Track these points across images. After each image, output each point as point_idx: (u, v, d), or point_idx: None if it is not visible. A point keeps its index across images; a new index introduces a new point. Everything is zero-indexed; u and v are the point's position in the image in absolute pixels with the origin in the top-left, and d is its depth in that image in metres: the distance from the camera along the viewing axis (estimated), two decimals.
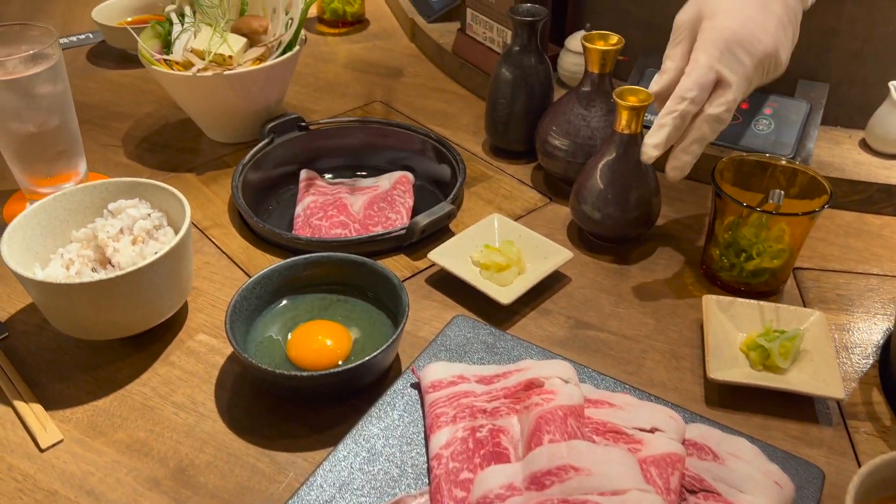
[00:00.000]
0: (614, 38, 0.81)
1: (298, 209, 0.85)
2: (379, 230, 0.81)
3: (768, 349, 0.64)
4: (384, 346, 0.60)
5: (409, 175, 0.90)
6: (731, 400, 0.63)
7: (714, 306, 0.69)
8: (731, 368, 0.64)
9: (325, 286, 0.71)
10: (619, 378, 0.64)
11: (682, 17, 0.74)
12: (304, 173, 0.91)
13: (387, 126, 0.94)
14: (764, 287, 0.74)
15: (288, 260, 0.69)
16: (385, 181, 0.90)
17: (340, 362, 0.64)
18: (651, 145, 0.69)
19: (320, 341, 0.65)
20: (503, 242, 0.76)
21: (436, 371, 0.61)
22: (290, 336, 0.66)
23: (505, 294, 0.70)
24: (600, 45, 0.80)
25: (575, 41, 1.00)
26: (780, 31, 0.71)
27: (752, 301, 0.69)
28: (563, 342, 0.69)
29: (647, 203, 0.76)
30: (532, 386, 0.57)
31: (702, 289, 0.75)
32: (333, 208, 0.84)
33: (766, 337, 0.65)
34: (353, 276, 0.70)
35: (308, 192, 0.88)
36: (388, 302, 0.68)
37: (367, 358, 0.59)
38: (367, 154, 0.95)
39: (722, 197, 0.71)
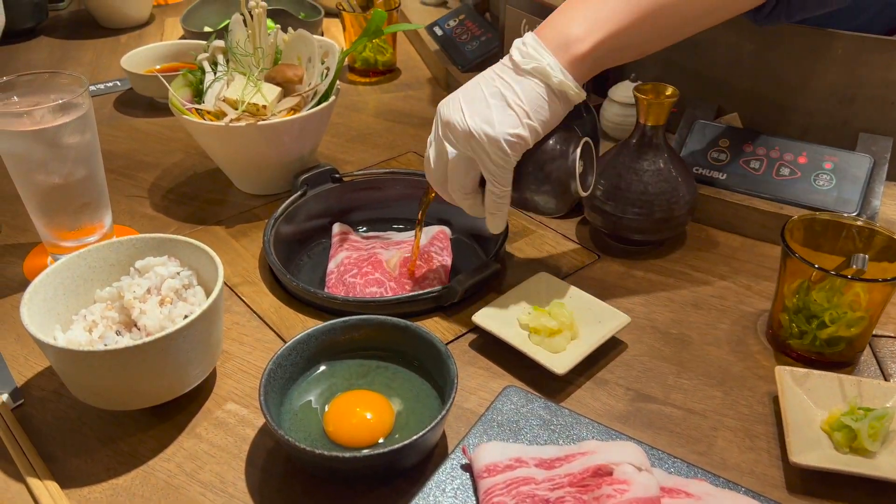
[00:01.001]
0: (669, 90, 0.77)
1: (331, 265, 0.81)
2: (416, 289, 0.76)
3: (856, 430, 0.58)
4: (431, 425, 0.55)
5: (447, 230, 0.86)
6: (816, 486, 0.57)
7: (789, 379, 0.63)
8: (814, 450, 0.58)
9: (364, 351, 0.66)
10: (689, 459, 0.58)
11: None
12: (336, 227, 0.87)
13: (422, 178, 0.90)
14: (839, 357, 0.68)
15: (326, 323, 0.64)
16: (422, 236, 0.85)
17: (382, 439, 0.58)
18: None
19: (360, 415, 0.59)
20: (553, 304, 0.71)
21: (490, 452, 0.55)
22: (327, 408, 0.61)
23: (559, 363, 0.65)
24: (654, 97, 0.76)
25: (619, 91, 0.96)
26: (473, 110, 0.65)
27: (830, 374, 0.63)
28: (623, 417, 0.63)
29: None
30: (601, 473, 0.51)
31: (769, 357, 0.69)
32: (368, 265, 0.80)
33: (852, 416, 0.59)
34: (395, 340, 0.65)
35: (341, 247, 0.83)
36: (432, 370, 0.63)
37: (413, 438, 0.54)
38: (402, 206, 0.91)
39: (792, 258, 0.65)
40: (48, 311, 0.62)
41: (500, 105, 0.65)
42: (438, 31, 1.28)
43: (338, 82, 0.90)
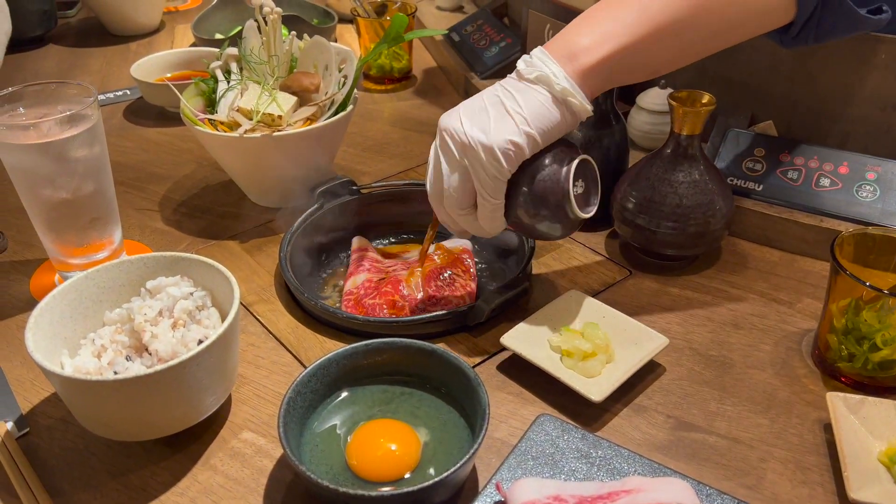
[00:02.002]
0: (705, 97, 0.73)
1: (349, 285, 0.77)
2: (439, 310, 0.73)
3: None
4: (462, 461, 0.51)
5: (469, 245, 0.82)
6: None
7: (842, 406, 0.59)
8: (874, 486, 0.54)
9: (388, 376, 0.62)
10: (738, 495, 0.54)
11: None
12: (356, 241, 0.83)
13: None
14: (892, 382, 0.63)
15: (347, 347, 0.60)
16: (443, 252, 0.81)
17: (408, 474, 0.55)
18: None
19: (385, 447, 0.56)
20: (586, 325, 0.67)
21: (526, 489, 0.51)
22: (349, 438, 0.57)
23: (595, 389, 0.61)
24: (690, 105, 0.72)
25: (648, 98, 0.93)
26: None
27: (886, 401, 0.59)
28: (665, 447, 0.59)
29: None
30: None
31: (817, 381, 0.65)
32: (388, 285, 0.76)
33: None
34: (420, 365, 0.61)
35: (360, 266, 0.79)
36: (460, 397, 0.59)
37: (443, 476, 0.50)
38: (423, 219, 0.87)
39: (842, 275, 0.61)
40: (54, 336, 0.59)
41: (499, 113, 0.61)
42: (455, 37, 1.24)
43: (355, 91, 0.86)
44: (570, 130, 0.63)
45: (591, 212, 0.65)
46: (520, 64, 0.63)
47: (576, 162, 0.62)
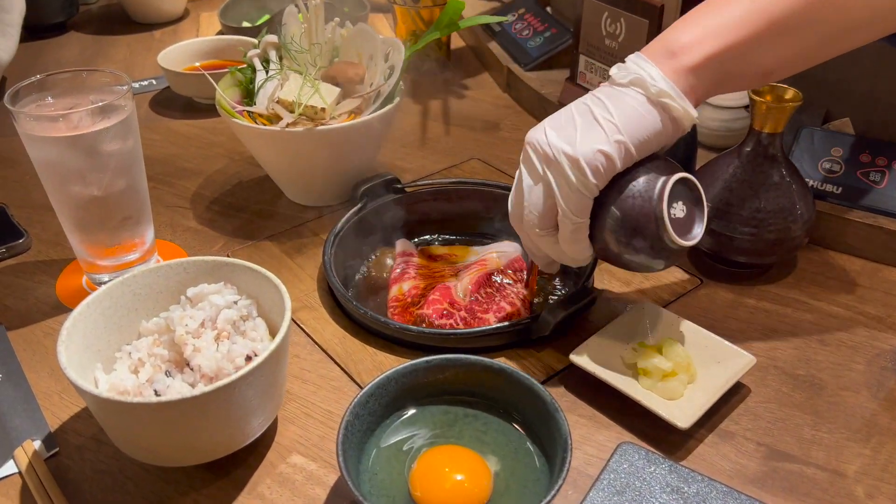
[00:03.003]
0: (790, 92, 0.67)
1: (394, 291, 0.72)
2: (491, 317, 0.67)
3: None
4: (546, 501, 0.45)
5: (520, 250, 0.76)
6: None
7: None
8: None
9: (450, 396, 0.57)
10: None
11: None
12: (399, 245, 0.78)
13: (493, 189, 0.80)
14: None
15: (407, 364, 0.55)
16: (494, 255, 0.76)
17: None
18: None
19: (454, 480, 0.50)
20: (664, 341, 0.61)
21: None
22: (413, 466, 0.52)
23: (680, 414, 0.55)
24: (774, 101, 0.66)
25: None
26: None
27: None
28: (758, 479, 0.54)
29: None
30: None
31: None
32: (436, 292, 0.71)
33: None
34: (486, 385, 0.56)
35: (406, 272, 0.74)
36: (532, 422, 0.54)
37: None
38: (470, 219, 0.82)
39: None
40: (87, 348, 0.54)
41: (587, 122, 0.54)
42: (496, 27, 1.18)
43: (401, 83, 0.80)
44: (671, 142, 0.56)
45: (695, 240, 0.56)
46: (613, 70, 0.57)
47: (673, 179, 0.54)
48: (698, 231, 0.57)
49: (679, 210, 0.55)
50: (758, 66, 0.56)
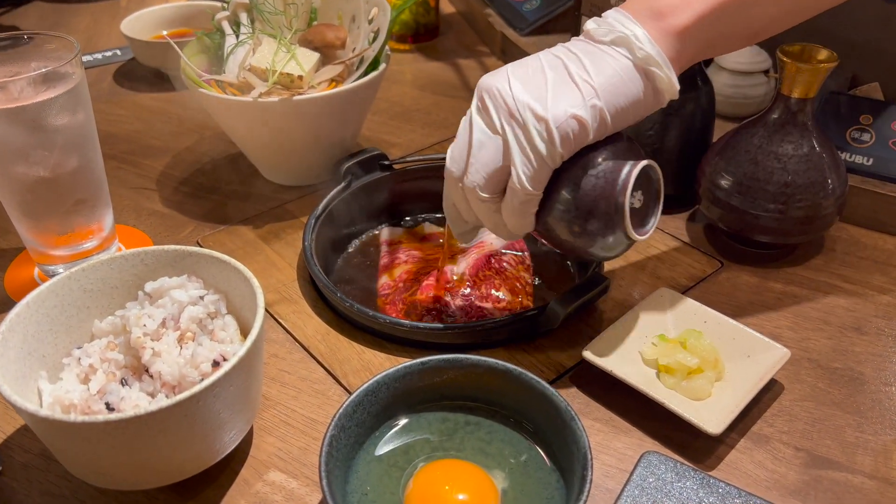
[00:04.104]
0: (823, 53, 0.60)
1: (384, 279, 0.65)
2: (489, 305, 0.60)
3: None
4: None
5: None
6: None
7: None
8: None
9: (449, 401, 0.50)
10: None
11: None
12: (385, 233, 0.71)
13: None
14: None
15: (398, 367, 0.48)
16: (492, 237, 0.69)
17: None
18: None
19: (456, 502, 0.43)
20: (687, 333, 0.55)
21: None
22: (409, 484, 0.45)
23: (709, 417, 0.49)
24: (806, 62, 0.59)
25: (730, 57, 0.79)
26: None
27: None
28: (799, 491, 0.47)
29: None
30: None
31: None
32: (430, 277, 0.64)
33: None
34: (489, 388, 0.49)
35: (396, 257, 0.67)
36: (542, 430, 0.47)
37: None
38: None
39: None
40: (29, 354, 0.47)
41: (559, 78, 0.47)
42: None
43: (387, 47, 0.73)
44: (644, 116, 0.49)
45: (646, 235, 0.50)
46: (589, 24, 0.49)
47: (641, 165, 0.47)
48: (651, 226, 0.51)
49: (637, 200, 0.49)
50: (746, 27, 0.50)
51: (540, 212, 0.50)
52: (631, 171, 0.47)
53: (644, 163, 0.48)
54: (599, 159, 0.48)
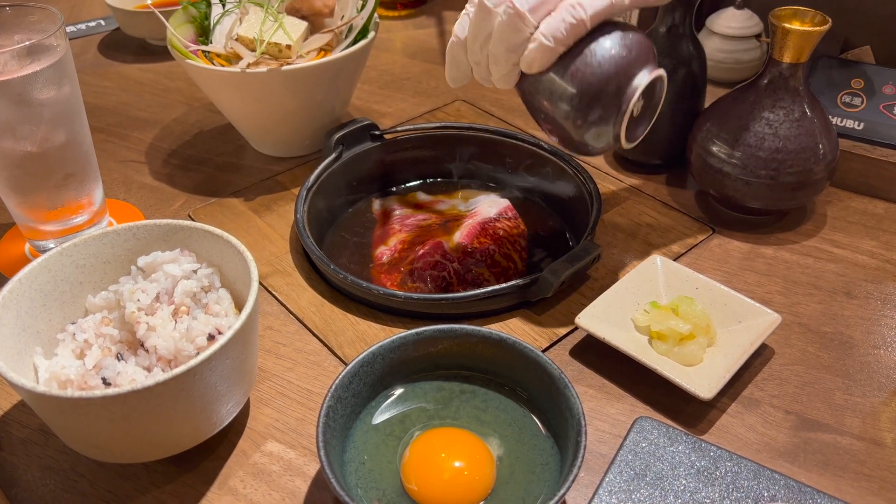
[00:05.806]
0: (817, 17, 0.60)
1: (379, 249, 0.65)
2: (485, 271, 0.61)
3: None
4: (558, 496, 0.40)
5: (510, 205, 0.69)
6: None
7: None
8: None
9: (444, 370, 0.50)
10: None
11: None
12: (377, 205, 0.71)
13: (481, 133, 0.73)
14: None
15: (394, 338, 0.48)
16: (485, 207, 0.69)
17: (482, 502, 0.43)
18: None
19: (452, 468, 0.44)
20: (679, 299, 0.55)
21: None
22: (405, 454, 0.46)
23: (700, 382, 0.50)
24: (799, 26, 0.59)
25: (721, 21, 0.79)
26: None
27: None
28: (789, 453, 0.48)
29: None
30: None
31: None
32: (426, 245, 0.64)
33: None
34: (484, 357, 0.49)
35: (391, 227, 0.67)
36: (536, 397, 0.48)
37: None
38: (458, 167, 0.74)
39: None
40: (24, 330, 0.47)
41: None
42: None
43: (376, 14, 0.72)
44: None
45: (634, 143, 0.51)
46: None
47: (658, 73, 0.49)
48: (640, 134, 0.52)
49: (637, 108, 0.51)
50: None
51: (537, 78, 0.49)
52: (650, 73, 0.48)
53: (662, 72, 0.50)
54: (624, 46, 0.47)
